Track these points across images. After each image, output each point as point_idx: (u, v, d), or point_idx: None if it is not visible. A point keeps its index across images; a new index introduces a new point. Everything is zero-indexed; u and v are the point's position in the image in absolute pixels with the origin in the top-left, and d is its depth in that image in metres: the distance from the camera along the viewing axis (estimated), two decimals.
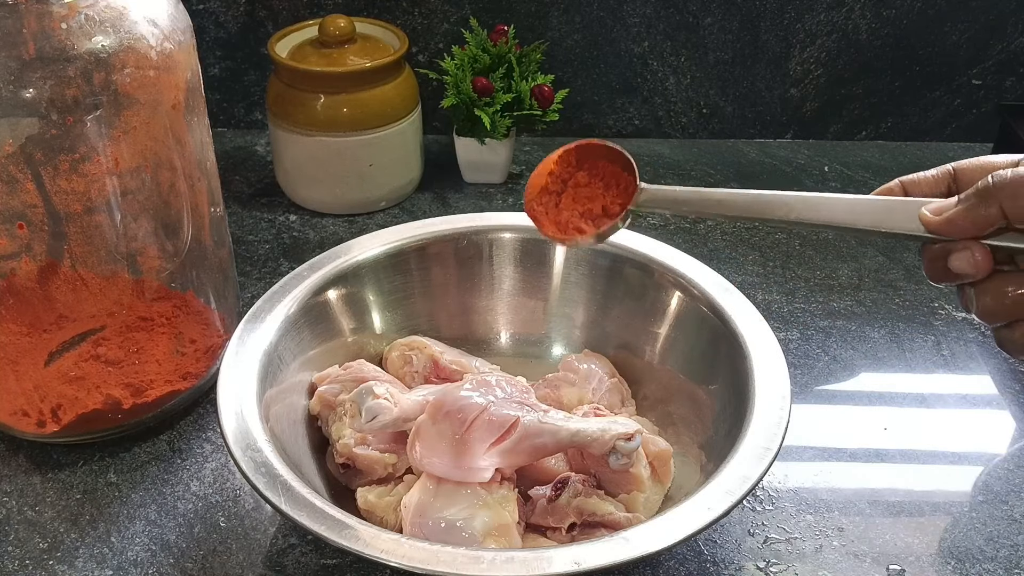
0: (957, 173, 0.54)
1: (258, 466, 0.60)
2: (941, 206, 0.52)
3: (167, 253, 0.75)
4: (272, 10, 1.12)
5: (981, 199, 0.50)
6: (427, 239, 0.81)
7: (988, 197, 0.50)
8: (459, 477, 0.63)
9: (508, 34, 1.06)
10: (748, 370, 0.68)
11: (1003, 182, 0.49)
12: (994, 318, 0.52)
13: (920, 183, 0.55)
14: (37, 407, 0.73)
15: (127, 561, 0.67)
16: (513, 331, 0.84)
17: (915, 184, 0.55)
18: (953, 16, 1.12)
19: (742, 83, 1.16)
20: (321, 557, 0.68)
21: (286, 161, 1.03)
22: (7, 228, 0.68)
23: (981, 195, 0.50)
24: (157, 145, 0.70)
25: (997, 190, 0.49)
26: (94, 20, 0.64)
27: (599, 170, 0.63)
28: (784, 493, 0.74)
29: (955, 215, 0.51)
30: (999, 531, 0.71)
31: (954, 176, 0.54)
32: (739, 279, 0.94)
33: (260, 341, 0.70)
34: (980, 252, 0.51)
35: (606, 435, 0.64)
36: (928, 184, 0.55)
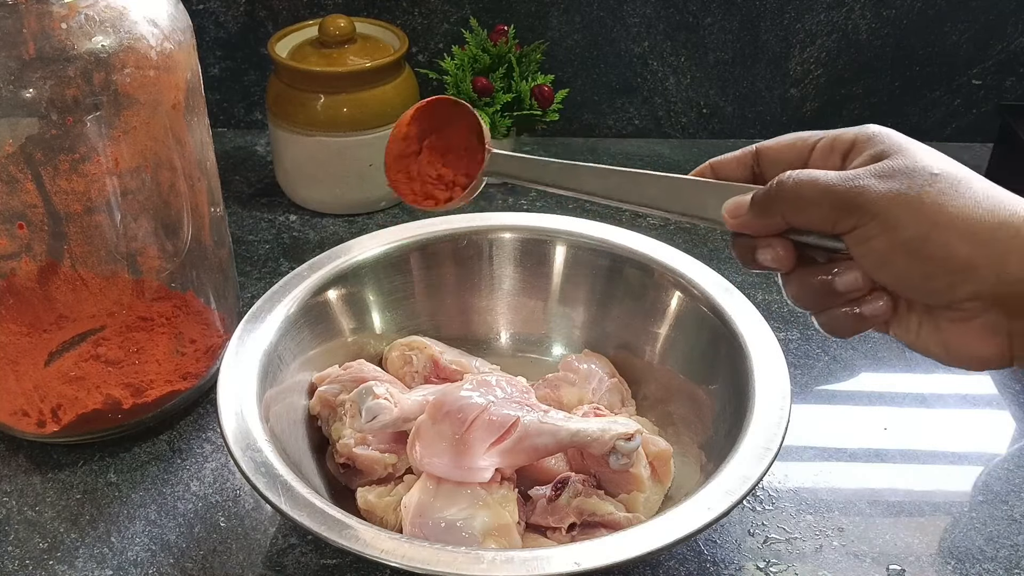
0: (760, 155, 0.55)
1: (258, 466, 0.60)
2: (736, 207, 0.52)
3: (167, 253, 0.75)
4: (272, 10, 1.12)
5: (764, 208, 0.51)
6: (427, 239, 0.81)
7: (770, 207, 0.51)
8: (459, 477, 0.63)
9: (508, 34, 1.06)
10: (748, 370, 0.68)
11: (782, 193, 0.50)
12: (801, 305, 0.53)
13: (726, 165, 0.56)
14: (37, 407, 0.73)
15: (127, 561, 0.67)
16: (513, 331, 0.84)
17: (722, 166, 0.56)
18: (953, 16, 1.12)
19: (742, 83, 1.16)
20: (321, 557, 0.68)
21: (286, 161, 1.03)
22: (7, 228, 0.68)
23: (764, 204, 0.51)
24: (157, 145, 0.70)
25: (778, 200, 0.50)
26: (94, 20, 0.64)
27: (451, 133, 0.62)
28: (784, 493, 0.74)
29: (746, 220, 0.52)
30: (999, 531, 0.71)
31: (756, 159, 0.55)
32: (739, 279, 0.94)
33: (260, 341, 0.70)
34: (782, 248, 0.51)
35: (606, 435, 0.64)
36: (732, 166, 0.55)
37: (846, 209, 0.48)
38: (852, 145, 0.51)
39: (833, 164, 0.52)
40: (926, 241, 0.47)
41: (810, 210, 0.49)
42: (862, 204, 0.48)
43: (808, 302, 0.52)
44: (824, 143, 0.52)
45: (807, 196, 0.49)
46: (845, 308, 0.51)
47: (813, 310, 0.53)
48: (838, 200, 0.48)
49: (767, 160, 0.54)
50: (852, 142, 0.51)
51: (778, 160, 0.54)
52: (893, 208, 0.47)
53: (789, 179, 0.50)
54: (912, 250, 0.47)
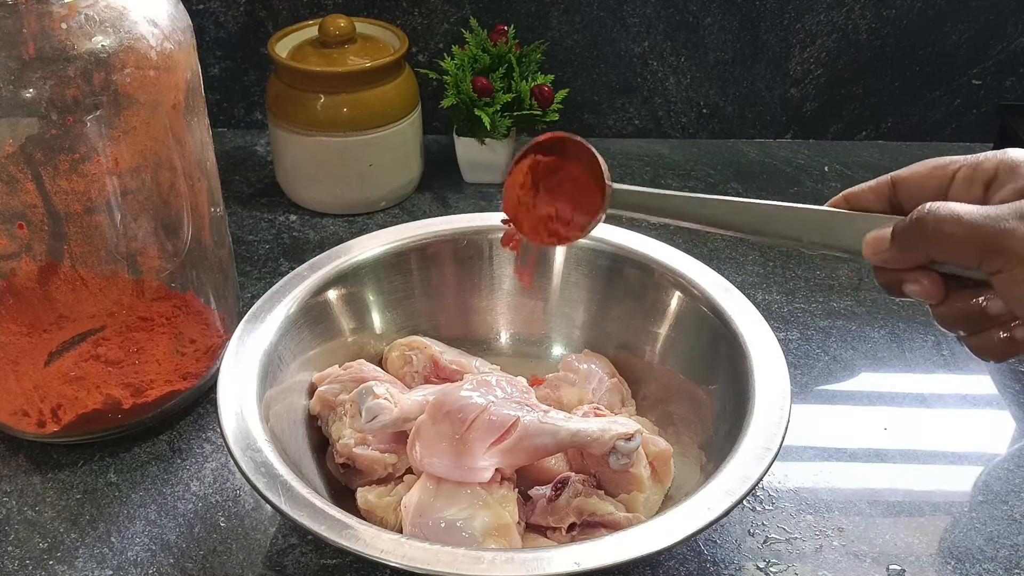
0: (897, 185, 0.53)
1: (258, 466, 0.60)
2: (877, 242, 0.51)
3: (167, 253, 0.75)
4: (272, 10, 1.12)
5: (906, 245, 0.50)
6: (427, 239, 0.81)
7: (912, 243, 0.50)
8: (459, 477, 0.63)
9: (508, 34, 1.06)
10: (748, 370, 0.68)
11: (923, 230, 0.49)
12: (950, 329, 0.52)
13: (861, 196, 0.54)
14: (37, 407, 0.73)
15: (127, 561, 0.67)
16: (513, 331, 0.84)
17: (857, 197, 0.54)
18: (953, 16, 1.12)
19: (742, 83, 1.16)
20: (321, 557, 0.68)
21: (286, 161, 1.03)
22: (7, 228, 0.68)
23: (905, 241, 0.50)
24: (157, 145, 0.70)
25: (919, 237, 0.49)
26: (94, 20, 0.64)
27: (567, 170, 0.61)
28: (784, 493, 0.74)
29: (888, 257, 0.51)
30: (999, 531, 0.71)
31: (893, 189, 0.53)
32: (739, 279, 0.94)
33: (260, 341, 0.70)
34: (929, 281, 0.51)
35: (606, 435, 0.64)
36: (868, 197, 0.54)
37: (991, 251, 0.47)
38: (995, 175, 0.49)
39: (975, 195, 0.50)
40: None
41: (954, 249, 0.48)
42: (1008, 247, 0.46)
43: (958, 326, 0.52)
44: (965, 171, 0.51)
45: (950, 233, 0.48)
46: (997, 331, 0.50)
47: (964, 332, 0.52)
48: (983, 241, 0.47)
49: (905, 190, 0.52)
50: (995, 171, 0.49)
51: (917, 190, 0.52)
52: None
53: (930, 215, 0.48)
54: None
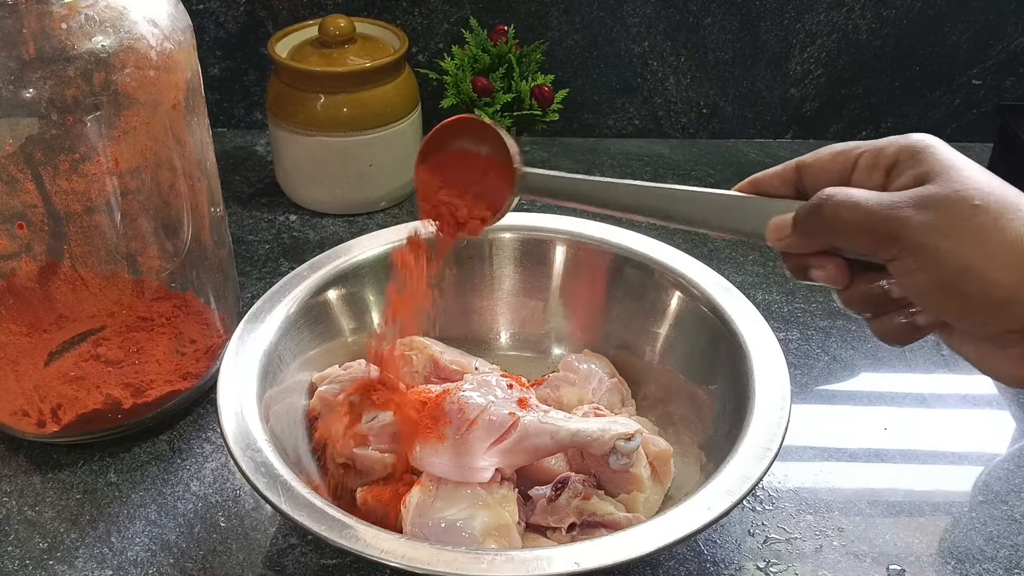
0: (801, 171, 0.53)
1: (258, 466, 0.60)
2: (779, 228, 0.52)
3: (167, 253, 0.75)
4: (272, 10, 1.12)
5: (806, 231, 0.50)
6: (427, 239, 0.81)
7: (812, 230, 0.50)
8: (459, 477, 0.63)
9: (508, 34, 1.06)
10: (748, 370, 0.68)
11: (822, 216, 0.49)
12: (858, 312, 0.53)
13: (767, 181, 0.54)
14: (37, 407, 0.73)
15: (127, 561, 0.67)
16: (513, 331, 0.84)
17: (763, 181, 0.54)
18: (953, 16, 1.12)
19: (742, 83, 1.16)
20: (321, 557, 0.68)
21: (286, 161, 1.03)
22: (7, 228, 0.68)
23: (805, 227, 0.50)
24: (157, 145, 0.70)
25: (818, 224, 0.50)
26: (94, 20, 0.64)
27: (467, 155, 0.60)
28: (784, 493, 0.74)
29: (790, 243, 0.51)
30: (999, 531, 0.71)
31: (798, 174, 0.53)
32: (739, 279, 0.94)
33: (260, 341, 0.70)
34: (834, 266, 0.51)
35: (606, 435, 0.64)
36: (774, 183, 0.54)
37: (885, 239, 0.47)
38: (895, 160, 0.50)
39: (876, 181, 0.50)
40: (963, 277, 0.46)
41: (851, 236, 0.49)
42: (900, 236, 0.47)
43: (863, 309, 0.52)
44: (867, 157, 0.51)
45: (847, 219, 0.48)
46: (901, 317, 0.51)
47: (868, 315, 0.52)
48: (877, 229, 0.48)
49: (809, 175, 0.53)
50: (895, 158, 0.50)
51: (820, 175, 0.52)
52: (931, 243, 0.46)
53: (828, 202, 0.49)
54: (949, 285, 0.47)
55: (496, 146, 0.59)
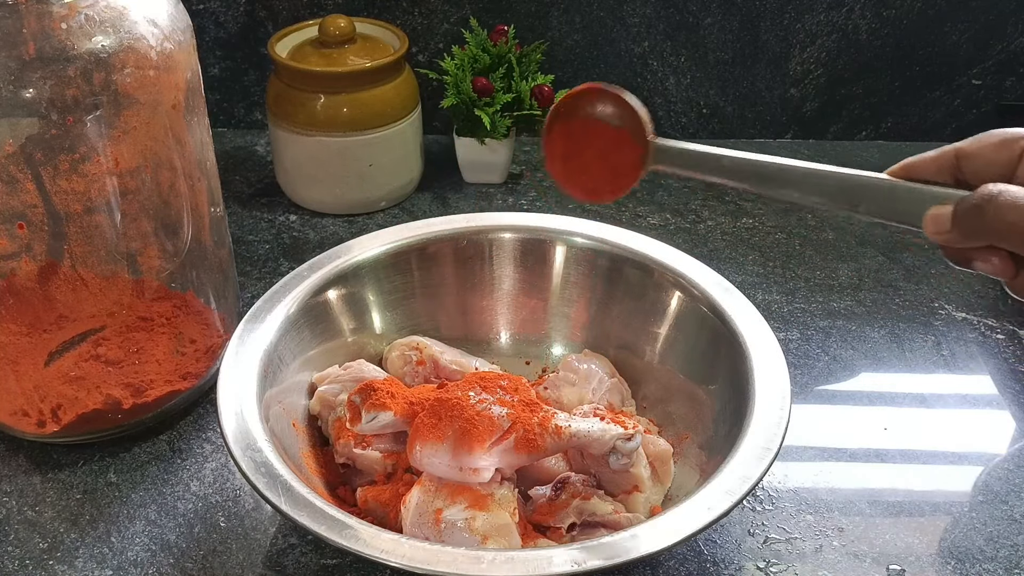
0: (960, 158, 0.51)
1: (258, 466, 0.60)
2: (938, 221, 0.50)
3: (167, 253, 0.75)
4: (272, 10, 1.12)
5: (968, 231, 0.49)
6: (427, 239, 0.81)
7: (974, 230, 0.48)
8: (459, 477, 0.63)
9: (508, 34, 1.06)
10: (748, 370, 0.68)
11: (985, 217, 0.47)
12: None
13: (922, 168, 0.52)
14: (37, 407, 0.73)
15: (127, 561, 0.67)
16: (513, 331, 0.84)
17: (917, 168, 0.52)
18: (953, 16, 1.12)
19: (742, 83, 1.16)
20: (321, 557, 0.68)
21: (286, 161, 1.03)
22: (7, 228, 0.68)
23: (967, 226, 0.48)
24: (157, 145, 0.70)
25: (981, 224, 0.48)
26: (94, 20, 0.64)
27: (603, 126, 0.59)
28: (784, 493, 0.74)
29: (951, 238, 0.50)
30: (999, 531, 0.71)
31: (957, 162, 0.51)
32: (739, 279, 0.94)
33: (260, 341, 0.70)
34: (998, 258, 0.49)
35: (606, 435, 0.64)
36: (930, 170, 0.52)
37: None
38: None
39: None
40: None
41: (1015, 238, 0.47)
42: None
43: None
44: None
45: (1012, 222, 0.46)
46: None
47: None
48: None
49: (970, 165, 0.50)
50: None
51: (983, 166, 0.49)
52: None
53: (992, 202, 0.47)
54: None
55: (628, 116, 0.57)
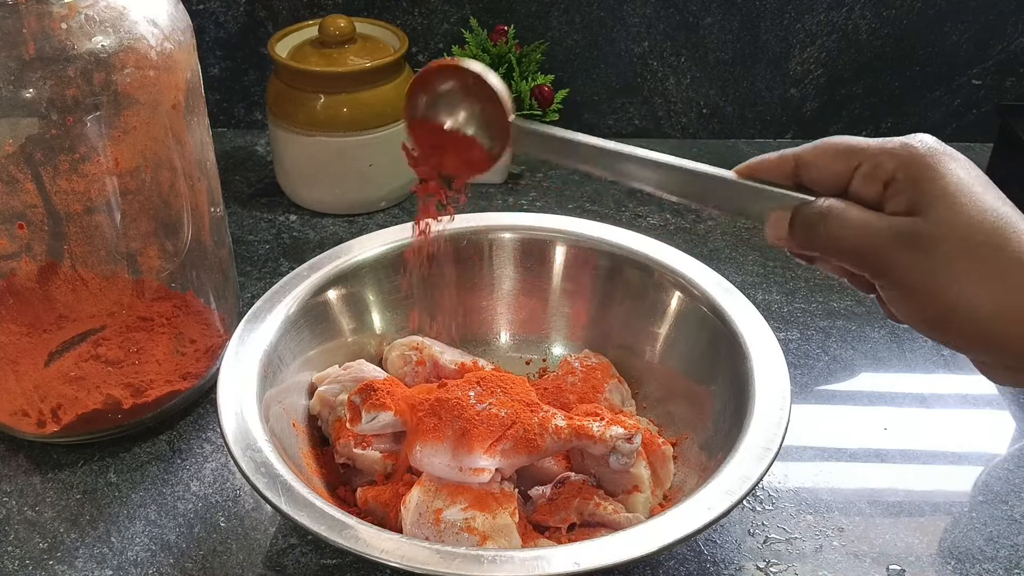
0: (799, 165, 0.52)
1: (258, 466, 0.60)
2: (778, 227, 0.52)
3: (167, 253, 0.75)
4: (272, 10, 1.12)
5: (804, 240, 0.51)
6: None
7: (808, 240, 0.51)
8: (459, 477, 0.63)
9: (508, 34, 1.06)
10: (748, 370, 0.68)
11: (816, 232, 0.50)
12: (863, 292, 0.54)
13: (765, 169, 0.54)
14: (37, 407, 0.73)
15: (127, 561, 0.67)
16: (513, 331, 0.84)
17: (761, 169, 0.54)
18: (953, 16, 1.12)
19: (742, 83, 1.16)
20: (321, 557, 0.68)
21: (286, 161, 1.03)
22: (7, 228, 0.68)
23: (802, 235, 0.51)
24: (157, 145, 0.70)
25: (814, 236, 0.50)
26: (94, 20, 0.64)
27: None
28: (784, 493, 0.74)
29: (789, 244, 0.52)
30: (999, 531, 0.71)
31: (796, 167, 0.53)
32: (739, 279, 0.94)
33: (260, 341, 0.70)
34: (834, 267, 0.53)
35: (606, 435, 0.64)
36: (772, 172, 0.53)
37: (872, 268, 0.49)
38: (892, 177, 0.49)
39: (873, 193, 0.49)
40: (951, 317, 0.47)
41: (842, 254, 0.50)
42: (885, 270, 0.48)
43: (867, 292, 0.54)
44: (866, 168, 0.50)
45: (840, 237, 0.49)
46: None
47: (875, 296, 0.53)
48: (864, 255, 0.48)
49: (807, 173, 0.52)
50: (893, 174, 0.49)
51: (819, 176, 0.51)
52: (914, 281, 0.47)
53: (824, 216, 0.50)
54: (937, 320, 0.48)
55: (488, 95, 0.57)
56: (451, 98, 0.58)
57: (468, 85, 0.57)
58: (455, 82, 0.57)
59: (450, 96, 0.58)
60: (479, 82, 0.56)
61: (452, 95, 0.58)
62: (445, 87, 0.57)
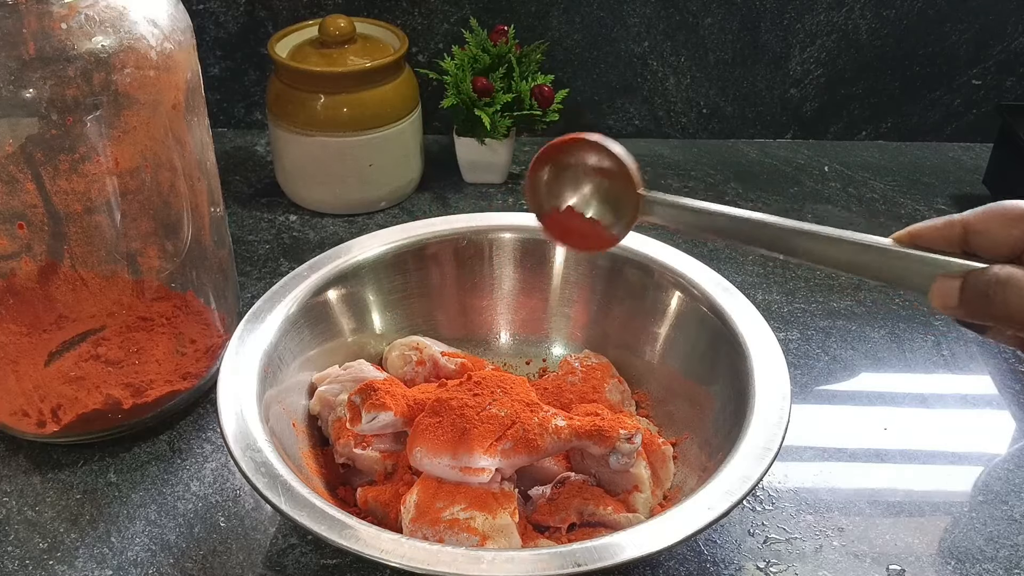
0: (968, 231, 0.50)
1: (258, 466, 0.60)
2: (945, 296, 0.49)
3: (167, 253, 0.75)
4: (272, 10, 1.12)
5: (974, 310, 0.49)
6: (427, 239, 0.81)
7: (980, 311, 0.48)
8: (459, 477, 0.63)
9: (508, 34, 1.06)
10: (748, 370, 0.68)
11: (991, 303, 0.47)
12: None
13: (928, 236, 0.51)
14: (37, 407, 0.73)
15: (127, 561, 0.67)
16: (513, 331, 0.84)
17: (923, 235, 0.51)
18: (953, 16, 1.12)
19: (742, 83, 1.16)
20: (321, 557, 0.68)
21: (286, 161, 1.03)
22: (7, 228, 0.68)
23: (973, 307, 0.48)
24: (157, 145, 0.70)
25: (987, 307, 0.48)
26: (94, 20, 0.64)
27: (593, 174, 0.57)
28: (784, 493, 0.74)
29: (958, 313, 0.49)
30: (999, 531, 0.71)
31: (964, 235, 0.50)
32: (739, 279, 0.94)
33: (260, 341, 0.70)
34: (1009, 338, 0.50)
35: (606, 435, 0.64)
36: (936, 239, 0.51)
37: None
38: None
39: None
40: None
41: (1020, 324, 0.47)
42: None
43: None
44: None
45: (1018, 307, 0.47)
46: None
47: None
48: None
49: (977, 240, 0.50)
50: None
51: (991, 243, 0.49)
52: None
53: (999, 286, 0.47)
54: None
55: (614, 165, 0.56)
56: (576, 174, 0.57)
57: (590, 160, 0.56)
58: (579, 156, 0.56)
59: (575, 172, 0.57)
60: (603, 154, 0.56)
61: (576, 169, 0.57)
62: (570, 161, 0.57)
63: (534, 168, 0.59)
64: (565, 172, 0.58)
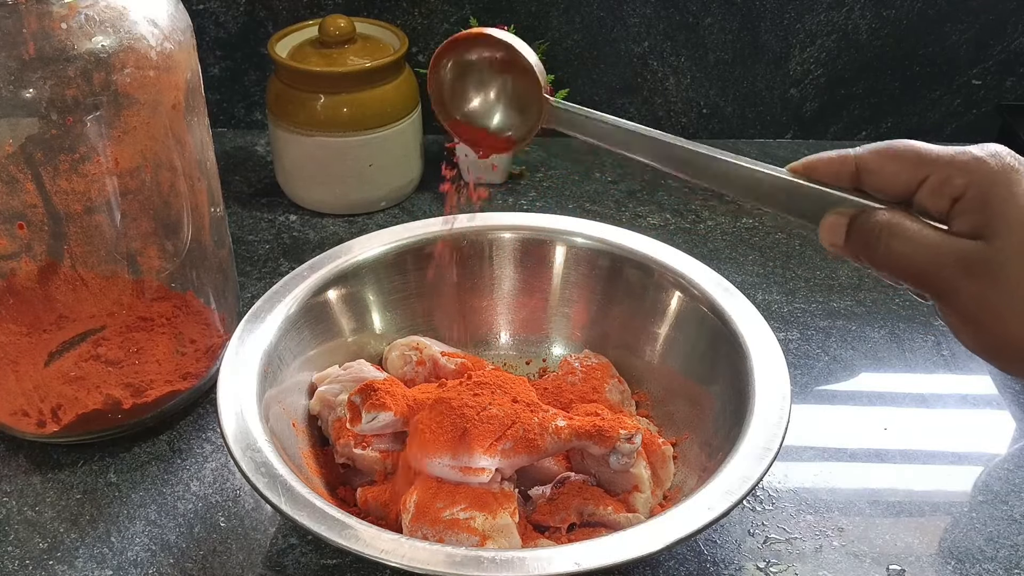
0: (862, 169, 0.50)
1: (258, 466, 0.60)
2: (833, 233, 0.49)
3: (167, 253, 0.75)
4: (272, 10, 1.12)
5: (858, 252, 0.49)
6: (427, 239, 0.81)
7: (864, 253, 0.49)
8: (459, 477, 0.63)
9: None
10: (748, 370, 0.68)
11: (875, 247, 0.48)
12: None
13: (822, 169, 0.51)
14: (37, 407, 0.73)
15: (127, 561, 0.67)
16: (513, 331, 0.84)
17: (818, 169, 0.51)
18: (953, 16, 1.12)
19: (742, 83, 1.16)
20: (321, 557, 0.68)
21: (286, 161, 1.03)
22: (7, 228, 0.68)
23: (858, 248, 0.49)
24: (157, 145, 0.70)
25: (871, 251, 0.48)
26: (94, 20, 0.64)
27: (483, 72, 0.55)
28: (784, 493, 0.74)
29: (843, 253, 0.50)
30: (999, 531, 0.71)
31: (859, 175, 0.50)
32: (739, 279, 0.94)
33: (260, 341, 0.70)
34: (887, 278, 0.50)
35: (606, 435, 0.64)
36: (829, 174, 0.51)
37: (932, 289, 0.47)
38: (962, 194, 0.47)
39: (941, 208, 0.47)
40: (1003, 346, 0.46)
41: (899, 271, 0.48)
42: (945, 293, 0.46)
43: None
44: (934, 181, 0.47)
45: (899, 254, 0.47)
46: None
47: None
48: (923, 276, 0.47)
49: (870, 179, 0.49)
50: (963, 191, 0.47)
51: (883, 183, 0.49)
52: (973, 310, 0.46)
53: (883, 235, 0.47)
54: (990, 348, 0.47)
55: (521, 64, 0.54)
56: (480, 70, 0.55)
57: (497, 57, 0.54)
58: (484, 53, 0.55)
59: (479, 68, 0.55)
60: (511, 53, 0.54)
61: (480, 66, 0.55)
62: (473, 57, 0.55)
63: (435, 62, 0.57)
64: (470, 71, 0.56)
